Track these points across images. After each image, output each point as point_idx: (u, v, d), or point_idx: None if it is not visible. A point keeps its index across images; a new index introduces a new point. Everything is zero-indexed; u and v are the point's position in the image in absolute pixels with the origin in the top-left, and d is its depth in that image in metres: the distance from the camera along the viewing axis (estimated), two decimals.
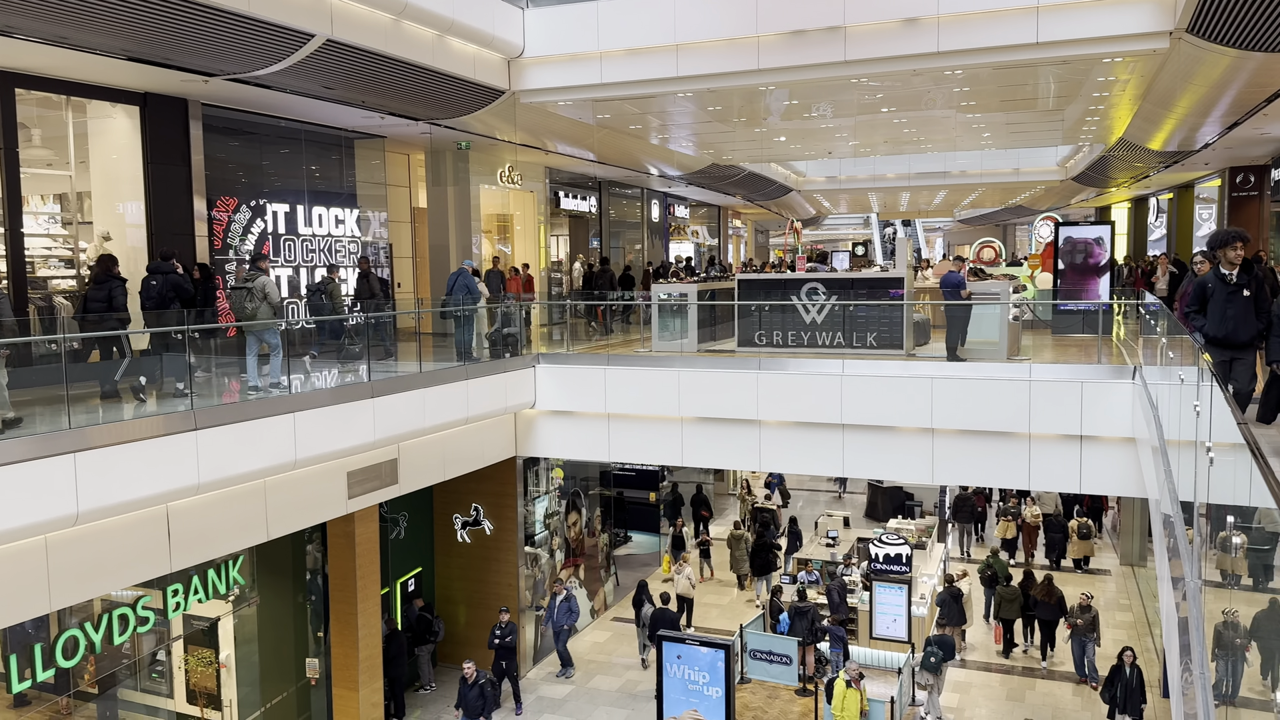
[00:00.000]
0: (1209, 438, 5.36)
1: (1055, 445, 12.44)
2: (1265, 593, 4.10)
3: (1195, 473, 5.88)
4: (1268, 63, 11.72)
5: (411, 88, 14.11)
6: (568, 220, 26.97)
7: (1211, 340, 8.19)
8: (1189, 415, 6.25)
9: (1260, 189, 23.82)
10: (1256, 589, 4.29)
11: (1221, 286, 8.19)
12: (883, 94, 17.01)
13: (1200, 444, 5.68)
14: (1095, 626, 15.06)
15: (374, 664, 13.48)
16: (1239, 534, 4.46)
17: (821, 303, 14.88)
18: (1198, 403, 5.92)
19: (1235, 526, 4.55)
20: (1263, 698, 3.69)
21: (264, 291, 11.37)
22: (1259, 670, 3.83)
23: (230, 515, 10.04)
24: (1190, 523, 6.12)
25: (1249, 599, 4.45)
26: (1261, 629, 3.84)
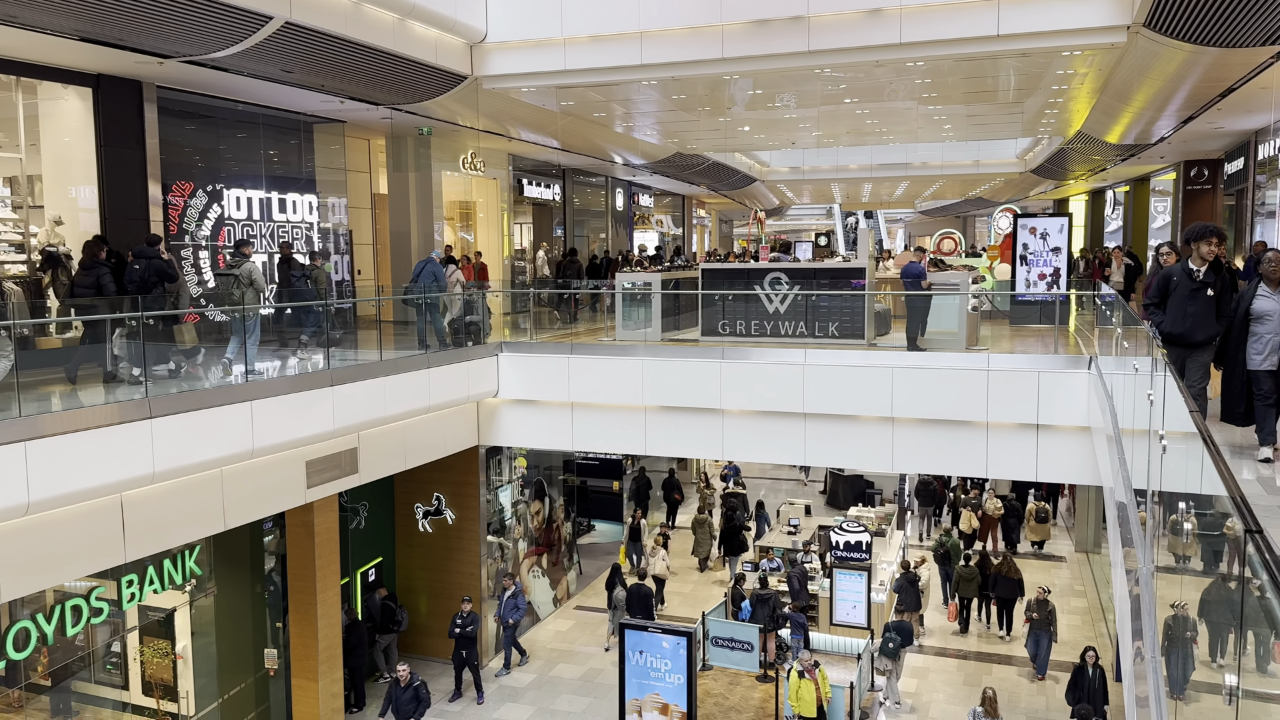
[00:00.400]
0: (1162, 426, 5.46)
1: (1012, 434, 12.62)
2: (1213, 576, 4.19)
3: (1148, 461, 5.99)
4: (1222, 58, 11.93)
5: (372, 72, 13.93)
6: (531, 208, 26.82)
7: (1167, 337, 7.88)
8: (1143, 404, 6.36)
9: (1214, 183, 24.26)
10: (1206, 574, 4.38)
11: (1186, 282, 7.85)
12: (845, 85, 17.09)
13: (1153, 432, 5.78)
14: (1052, 621, 15.08)
15: (334, 654, 13.38)
16: (1190, 519, 4.54)
17: (784, 292, 14.95)
18: (1151, 392, 6.02)
19: (1186, 513, 4.65)
20: (1211, 680, 3.77)
21: (250, 277, 11.71)
22: (1207, 651, 3.91)
23: (186, 505, 9.90)
24: (1143, 509, 6.23)
25: (1199, 584, 4.55)
26: (1210, 610, 3.92)
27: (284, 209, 17.08)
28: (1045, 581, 17.39)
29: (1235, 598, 3.11)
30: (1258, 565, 2.47)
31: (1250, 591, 2.73)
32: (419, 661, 16.05)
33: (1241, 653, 2.93)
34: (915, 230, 66.58)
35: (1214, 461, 3.68)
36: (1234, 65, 12.51)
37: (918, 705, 14.53)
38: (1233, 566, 3.45)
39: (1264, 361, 7.35)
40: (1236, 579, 3.16)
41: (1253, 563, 2.59)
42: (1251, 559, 2.61)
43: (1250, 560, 2.65)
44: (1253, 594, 2.65)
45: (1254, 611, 2.73)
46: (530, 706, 14.52)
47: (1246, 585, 2.78)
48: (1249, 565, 2.71)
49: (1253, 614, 2.80)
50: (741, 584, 16.40)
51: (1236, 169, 21.74)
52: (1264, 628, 2.66)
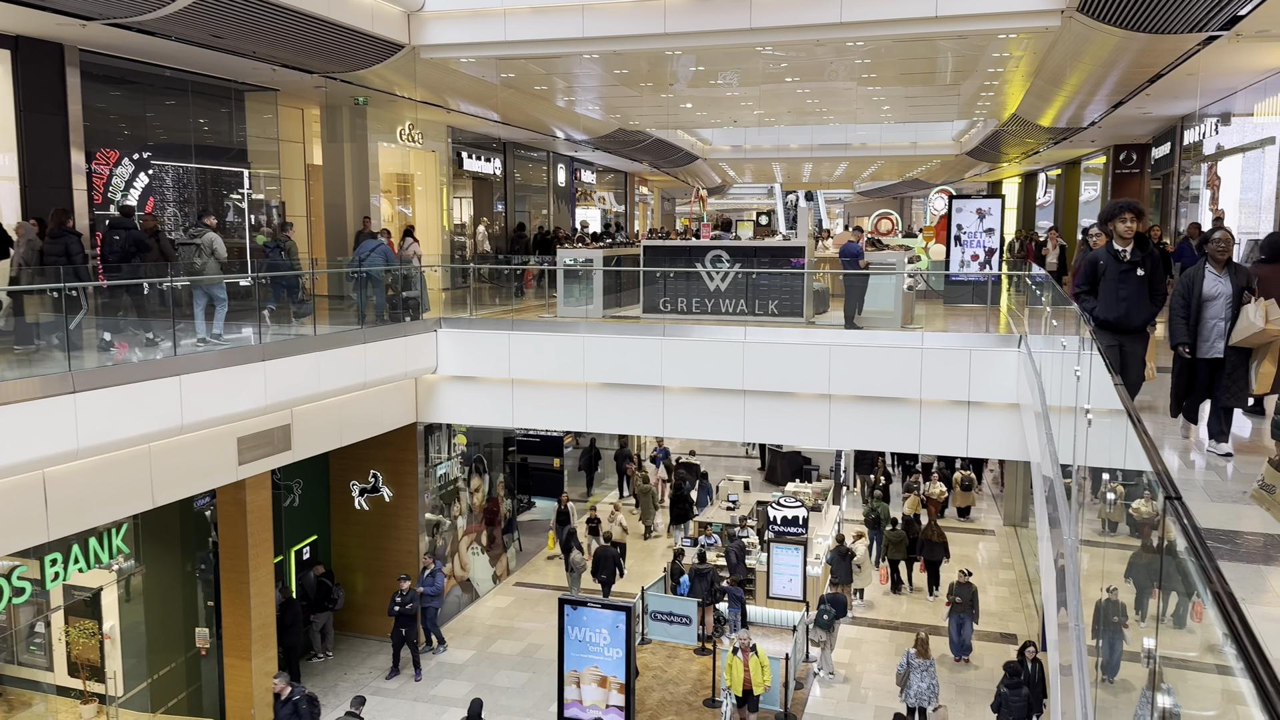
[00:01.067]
0: (1088, 402, 5.61)
1: (945, 410, 12.88)
2: (1134, 548, 4.33)
3: (1075, 436, 6.15)
4: (1151, 44, 12.22)
5: (305, 39, 13.58)
6: (471, 182, 26.48)
7: (1101, 324, 7.33)
8: (1070, 381, 6.53)
9: (1142, 166, 24.94)
10: (1127, 547, 4.52)
11: (1114, 264, 7.28)
12: (787, 64, 17.14)
13: (1079, 408, 5.94)
14: (974, 604, 14.86)
15: (267, 633, 13.19)
16: (1115, 490, 4.68)
17: (725, 270, 15.01)
18: (1078, 368, 6.18)
19: (1110, 484, 4.79)
20: (1130, 648, 3.90)
21: (211, 247, 11.81)
22: (1133, 609, 4.04)
23: (112, 482, 9.63)
24: (1069, 483, 6.41)
25: (1122, 556, 4.70)
26: (1135, 572, 4.05)
27: (214, 179, 16.63)
28: (973, 554, 17.86)
29: (1155, 565, 3.22)
30: (1177, 532, 2.55)
31: (1170, 558, 2.82)
32: (357, 639, 15.92)
33: (1160, 619, 3.04)
34: (854, 211, 67.30)
35: (1139, 436, 3.79)
36: (1162, 51, 12.82)
37: (851, 675, 14.83)
38: (1151, 537, 3.57)
39: (1209, 349, 6.77)
40: (1156, 548, 3.27)
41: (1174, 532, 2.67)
42: (1171, 529, 2.70)
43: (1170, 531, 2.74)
44: (1173, 559, 2.74)
45: (1172, 576, 2.82)
46: (469, 683, 14.50)
47: (1167, 552, 2.87)
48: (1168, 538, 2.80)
49: (1170, 578, 2.90)
50: (680, 559, 16.54)
51: (1163, 154, 22.36)
52: (1180, 586, 2.76)
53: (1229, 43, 12.06)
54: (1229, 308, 6.69)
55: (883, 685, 14.40)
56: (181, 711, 13.13)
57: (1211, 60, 13.46)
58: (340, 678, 14.75)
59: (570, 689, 12.70)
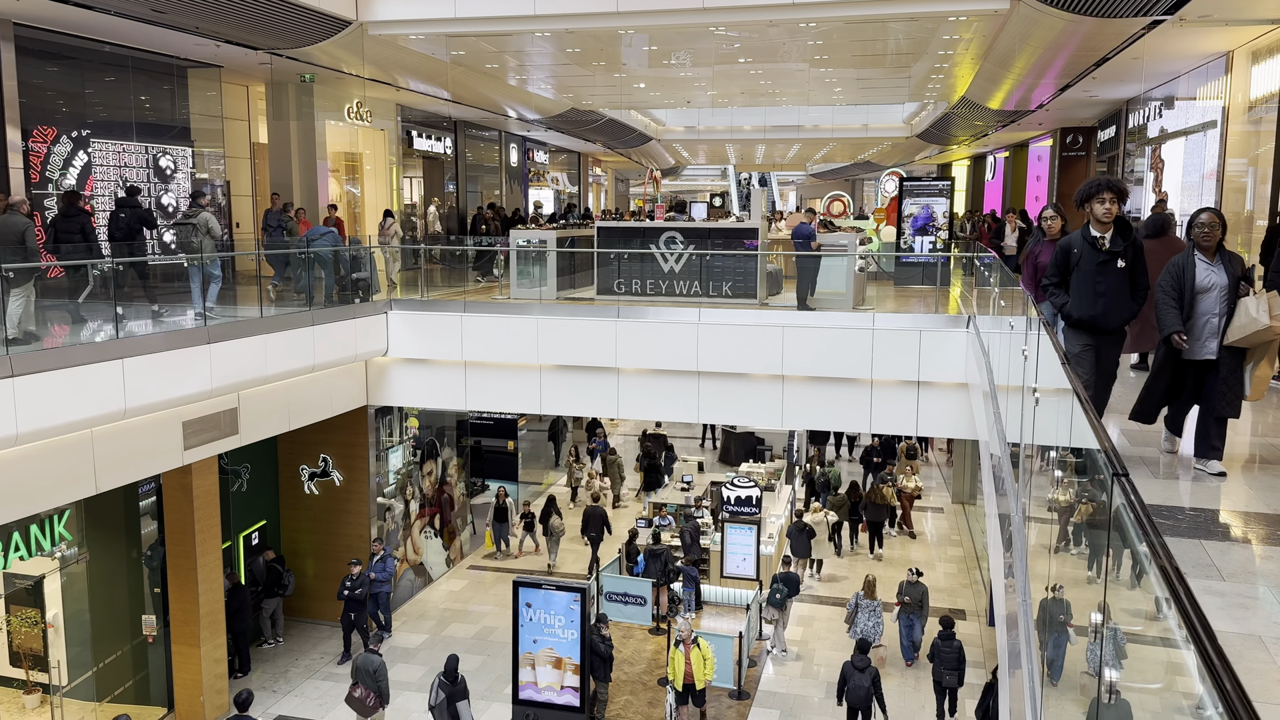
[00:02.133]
0: (1035, 381, 5.70)
1: (895, 390, 13.03)
2: (1080, 515, 4.42)
3: (1021, 414, 6.25)
4: (1097, 27, 12.40)
5: (249, 13, 13.26)
6: (422, 162, 26.13)
7: (1075, 323, 6.27)
8: (1017, 361, 6.62)
9: (1088, 149, 25.37)
10: (1072, 526, 4.61)
11: (1091, 253, 6.14)
12: (740, 44, 17.12)
13: (1026, 387, 6.03)
14: (924, 604, 14.31)
15: (216, 619, 12.99)
16: (1062, 469, 4.77)
17: (680, 251, 15.00)
18: (1025, 347, 6.27)
19: (1058, 462, 4.87)
20: (1078, 623, 3.98)
21: (207, 226, 12.68)
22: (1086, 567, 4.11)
23: (54, 467, 9.40)
24: (1016, 461, 6.52)
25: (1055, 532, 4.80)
26: (1088, 532, 4.12)
27: (157, 156, 16.21)
28: (923, 530, 18.12)
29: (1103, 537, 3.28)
30: (1124, 507, 2.60)
31: (1117, 535, 2.87)
32: (307, 625, 15.76)
33: (1105, 598, 3.10)
34: (807, 193, 67.68)
35: (1085, 415, 3.85)
36: (1108, 35, 13.02)
37: (803, 653, 15.01)
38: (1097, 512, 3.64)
39: (1201, 349, 5.83)
40: (1101, 522, 3.33)
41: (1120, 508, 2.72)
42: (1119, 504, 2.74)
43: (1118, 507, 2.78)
44: (1119, 535, 2.79)
45: (1118, 548, 2.88)
46: (422, 667, 14.43)
47: (1112, 527, 2.92)
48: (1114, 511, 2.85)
49: (1117, 551, 2.95)
50: (636, 539, 16.60)
51: (1109, 137, 22.76)
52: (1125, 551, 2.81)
53: (1173, 27, 12.28)
54: (1224, 301, 5.80)
55: (834, 661, 14.57)
56: (129, 700, 12.90)
57: (1156, 44, 13.71)
58: (291, 664, 14.59)
59: (525, 670, 12.70)
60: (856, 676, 12.05)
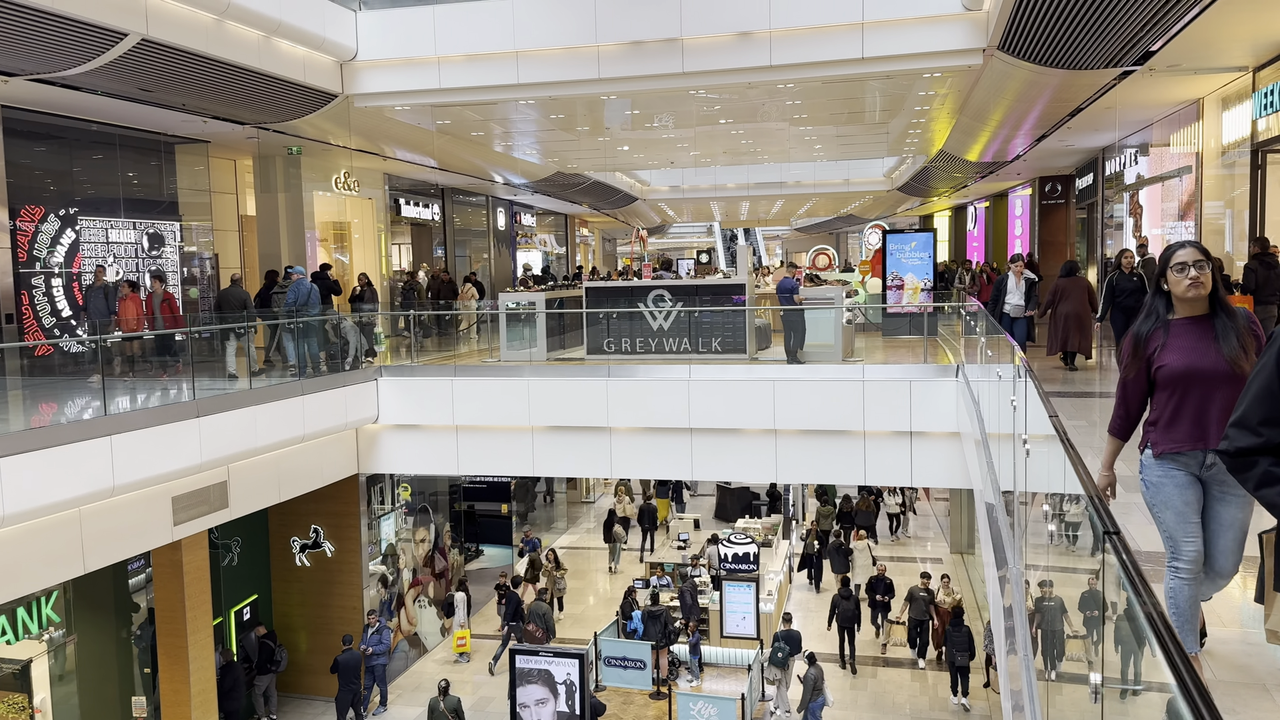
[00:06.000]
0: (1025, 430, 5.70)
1: (888, 441, 13.02)
2: (1079, 570, 4.39)
3: (1014, 463, 6.24)
4: (1070, 79, 12.66)
5: (237, 91, 13.45)
6: (410, 228, 26.33)
7: None
8: (1007, 410, 6.64)
9: (1066, 197, 25.72)
10: (1071, 570, 4.58)
11: None
12: (720, 106, 17.41)
13: (1017, 436, 6.03)
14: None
15: (208, 699, 12.73)
16: (1054, 519, 4.75)
17: (668, 309, 15.08)
18: (1014, 397, 6.29)
19: (1051, 513, 4.86)
20: (1079, 669, 3.93)
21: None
22: (1081, 647, 4.07)
23: (41, 548, 9.27)
24: (1010, 509, 6.49)
25: (1065, 579, 4.75)
26: (1087, 606, 4.08)
27: (145, 233, 16.30)
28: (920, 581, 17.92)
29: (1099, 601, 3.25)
30: (1116, 564, 2.58)
31: (1111, 591, 2.85)
32: (301, 700, 15.45)
33: (1100, 644, 3.07)
34: (792, 247, 68.29)
35: (1073, 463, 3.86)
36: (1081, 86, 13.29)
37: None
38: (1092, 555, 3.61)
39: None
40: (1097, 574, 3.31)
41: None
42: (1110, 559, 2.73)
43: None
44: (1113, 592, 2.76)
45: (1115, 611, 2.85)
46: None
47: (1104, 583, 2.90)
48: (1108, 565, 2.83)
49: (1113, 612, 2.92)
50: (632, 595, 16.41)
51: (1087, 184, 23.10)
52: (1125, 624, 2.79)
53: (1143, 77, 12.54)
54: None
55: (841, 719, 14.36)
56: None
57: (1128, 94, 13.99)
58: None
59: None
60: (843, 604, 16.00)
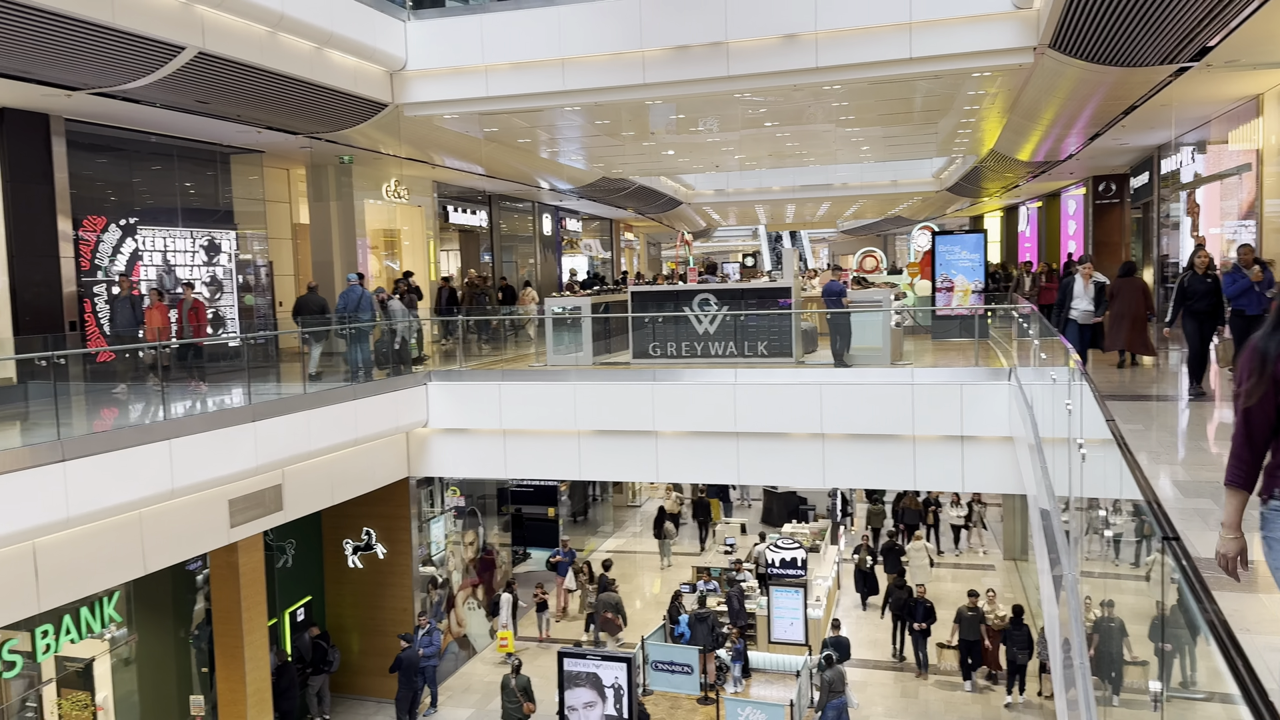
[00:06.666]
0: (1080, 434, 5.62)
1: (938, 446, 12.87)
2: (1134, 578, 4.31)
3: (1069, 468, 6.15)
4: (1124, 77, 12.43)
5: (290, 101, 13.72)
6: (458, 235, 26.62)
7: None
8: (1061, 414, 6.54)
9: (1121, 196, 25.21)
10: (1126, 576, 4.50)
11: None
12: (766, 108, 17.37)
13: (1072, 441, 5.94)
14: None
15: (263, 698, 12.97)
16: (1110, 526, 4.67)
17: (713, 313, 15.07)
18: (1069, 401, 6.20)
19: (1105, 520, 4.78)
20: (1139, 682, 3.87)
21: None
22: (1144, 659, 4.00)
23: (103, 549, 9.52)
24: (1066, 516, 6.39)
25: (1120, 586, 4.68)
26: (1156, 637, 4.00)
27: (202, 242, 16.67)
28: (976, 588, 17.66)
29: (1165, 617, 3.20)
30: (1175, 571, 2.54)
31: (1171, 597, 2.80)
32: (354, 701, 15.67)
33: (1163, 654, 3.02)
34: (838, 249, 67.80)
35: (1131, 469, 3.79)
36: (1135, 84, 13.03)
37: (857, 718, 14.63)
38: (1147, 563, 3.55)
39: None
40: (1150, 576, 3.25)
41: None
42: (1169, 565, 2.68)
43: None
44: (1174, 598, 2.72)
45: (1175, 616, 2.80)
46: None
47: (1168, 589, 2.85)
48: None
49: (1173, 618, 2.88)
50: (679, 599, 16.40)
51: (1142, 183, 22.63)
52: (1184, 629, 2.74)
53: (1200, 73, 12.27)
54: None
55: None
56: None
57: (1184, 90, 13.69)
58: None
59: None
60: (897, 594, 16.42)
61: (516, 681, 13.76)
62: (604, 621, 16.75)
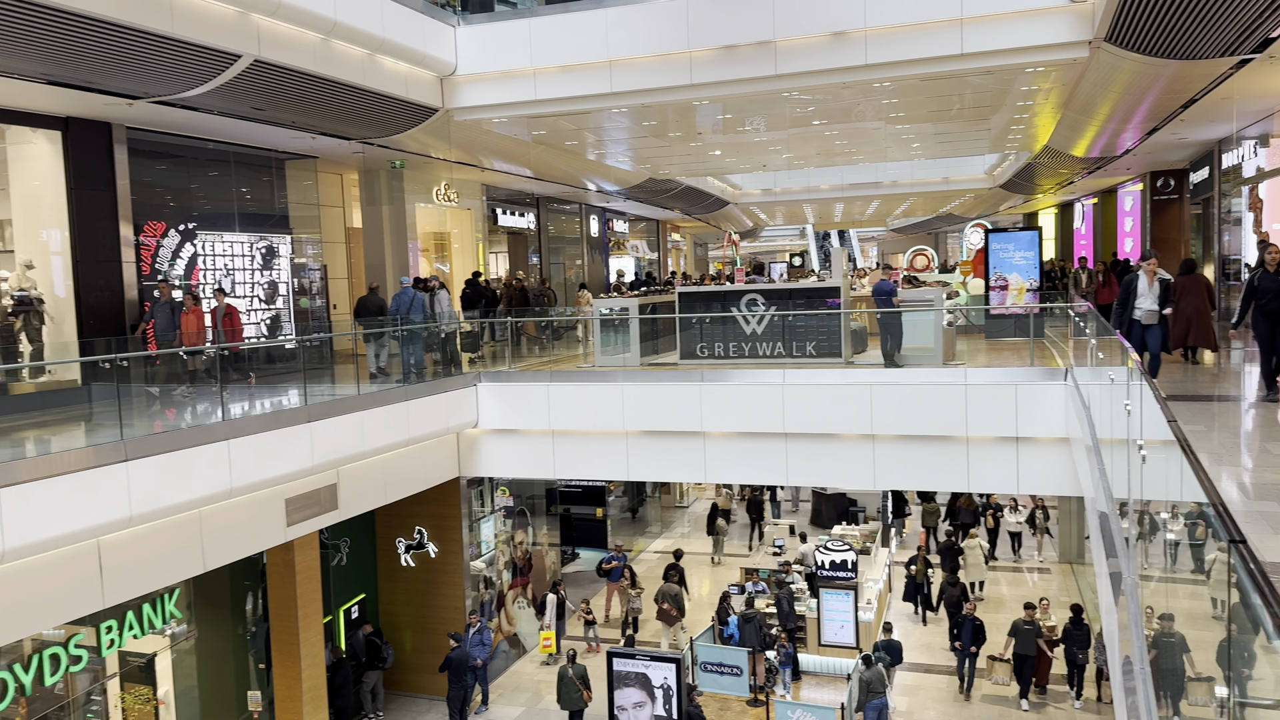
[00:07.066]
0: (1140, 435, 5.50)
1: (992, 447, 12.68)
2: (1196, 582, 4.22)
3: (1128, 470, 6.03)
4: (1183, 70, 12.15)
5: (343, 107, 13.94)
6: (506, 237, 26.84)
7: None
8: (1120, 414, 6.41)
9: (1180, 192, 24.64)
10: (1188, 580, 4.40)
11: None
12: (814, 107, 17.25)
13: (1131, 442, 5.83)
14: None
15: (318, 694, 13.18)
16: (1172, 529, 4.58)
17: (761, 313, 15.01)
18: (1128, 402, 6.07)
19: (1167, 522, 4.68)
20: (1203, 699, 3.78)
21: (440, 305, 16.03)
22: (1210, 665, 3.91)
23: (165, 547, 9.76)
24: (1124, 518, 6.27)
25: (1181, 590, 4.57)
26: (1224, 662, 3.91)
27: (259, 247, 17.00)
28: (1028, 592, 17.40)
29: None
30: (1242, 575, 2.48)
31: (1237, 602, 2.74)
32: (406, 698, 15.86)
33: (1231, 662, 2.95)
34: (888, 248, 67.14)
35: (1194, 469, 3.71)
36: (1195, 77, 12.73)
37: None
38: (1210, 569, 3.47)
39: None
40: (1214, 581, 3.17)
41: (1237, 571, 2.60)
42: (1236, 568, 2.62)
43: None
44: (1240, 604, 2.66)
45: (1241, 621, 2.74)
46: None
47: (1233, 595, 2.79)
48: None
49: (1240, 622, 2.81)
50: (728, 601, 16.36)
51: (1202, 178, 22.09)
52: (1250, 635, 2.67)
53: (1262, 64, 11.95)
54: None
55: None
56: None
57: (1246, 83, 13.33)
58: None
59: None
60: (950, 590, 16.58)
61: (574, 671, 14.06)
62: (660, 611, 16.96)
